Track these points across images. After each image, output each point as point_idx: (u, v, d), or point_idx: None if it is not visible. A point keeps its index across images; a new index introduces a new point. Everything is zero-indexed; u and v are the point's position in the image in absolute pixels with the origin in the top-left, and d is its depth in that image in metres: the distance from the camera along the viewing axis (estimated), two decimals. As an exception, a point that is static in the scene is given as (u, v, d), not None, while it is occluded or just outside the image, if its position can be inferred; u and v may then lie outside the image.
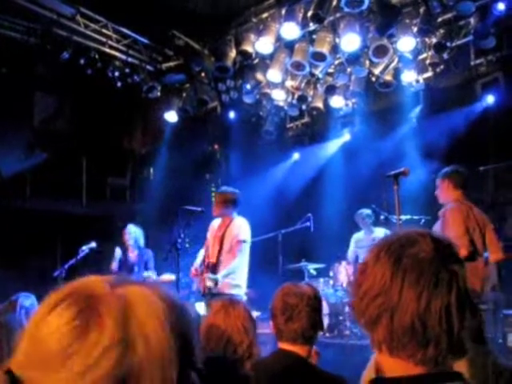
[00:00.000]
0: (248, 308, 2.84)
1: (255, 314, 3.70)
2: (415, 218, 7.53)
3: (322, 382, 2.58)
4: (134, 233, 8.02)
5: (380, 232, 7.74)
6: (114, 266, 7.91)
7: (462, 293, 1.24)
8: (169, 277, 7.88)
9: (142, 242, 8.03)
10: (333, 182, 8.90)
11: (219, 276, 5.77)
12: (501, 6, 6.38)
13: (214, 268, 5.97)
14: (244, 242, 5.99)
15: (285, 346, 2.61)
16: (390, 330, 1.24)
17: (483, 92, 7.72)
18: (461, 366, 2.02)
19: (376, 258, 1.30)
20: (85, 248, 7.96)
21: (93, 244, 8.00)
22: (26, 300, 3.48)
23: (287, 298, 2.62)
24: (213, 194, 6.18)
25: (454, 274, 1.25)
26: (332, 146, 9.56)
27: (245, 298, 5.90)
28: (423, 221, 7.58)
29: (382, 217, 7.79)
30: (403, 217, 7.04)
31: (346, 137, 9.49)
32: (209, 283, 5.78)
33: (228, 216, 6.16)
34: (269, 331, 2.82)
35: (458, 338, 1.23)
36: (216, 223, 6.32)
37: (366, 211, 7.92)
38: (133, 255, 8.00)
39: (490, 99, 7.66)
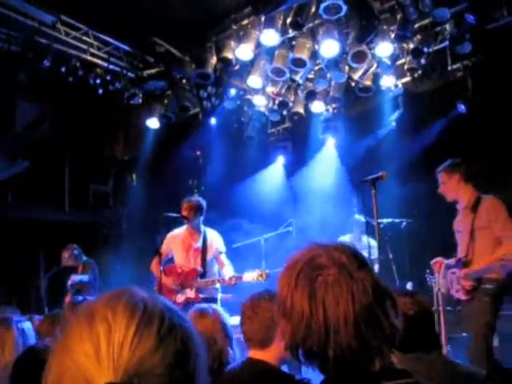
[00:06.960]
0: (221, 312, 2.91)
1: (234, 319, 3.74)
2: (396, 221, 7.62)
3: None
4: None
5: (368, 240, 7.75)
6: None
7: (379, 293, 1.25)
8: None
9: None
10: (314, 187, 8.96)
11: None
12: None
13: (202, 276, 6.04)
14: (221, 253, 6.22)
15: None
16: (334, 355, 1.23)
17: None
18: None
19: (291, 290, 1.29)
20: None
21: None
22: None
23: None
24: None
25: (364, 281, 1.26)
26: (313, 151, 9.61)
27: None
28: (404, 223, 7.68)
29: (364, 221, 7.84)
30: (384, 220, 7.13)
31: (327, 141, 9.55)
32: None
33: (197, 226, 6.18)
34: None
35: (394, 339, 1.25)
36: (181, 233, 6.28)
37: (362, 218, 7.93)
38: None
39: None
